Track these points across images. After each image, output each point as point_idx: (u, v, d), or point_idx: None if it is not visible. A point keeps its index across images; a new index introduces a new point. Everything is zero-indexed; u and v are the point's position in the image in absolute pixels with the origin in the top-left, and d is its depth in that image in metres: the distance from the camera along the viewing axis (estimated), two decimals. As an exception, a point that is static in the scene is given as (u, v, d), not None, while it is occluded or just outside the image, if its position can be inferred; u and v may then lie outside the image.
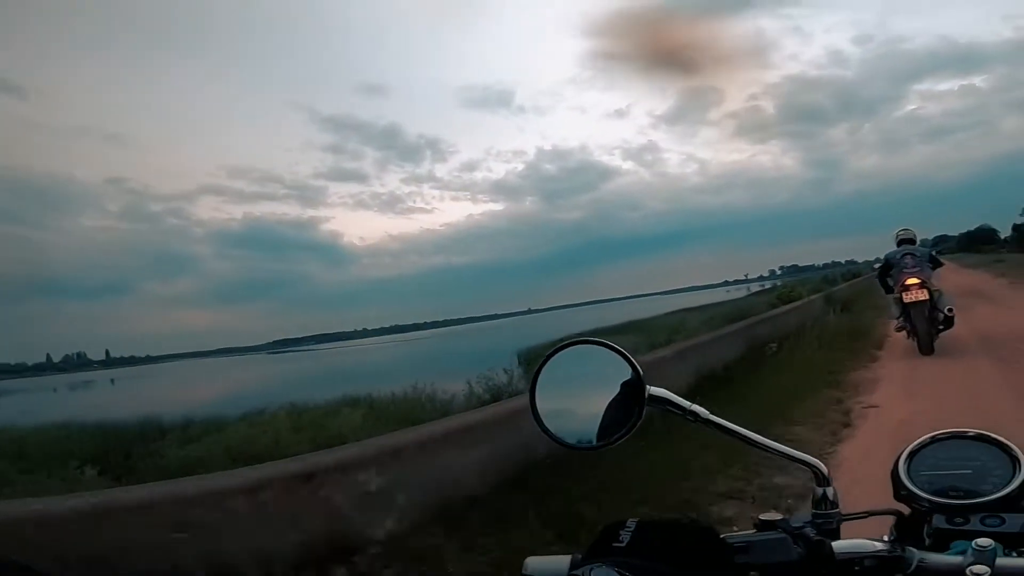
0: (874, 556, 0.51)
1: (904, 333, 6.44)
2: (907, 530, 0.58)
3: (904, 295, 6.15)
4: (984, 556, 0.47)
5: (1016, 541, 0.52)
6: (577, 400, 0.55)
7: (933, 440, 0.64)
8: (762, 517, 0.53)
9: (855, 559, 0.51)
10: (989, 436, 0.62)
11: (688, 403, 0.53)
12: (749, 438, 0.53)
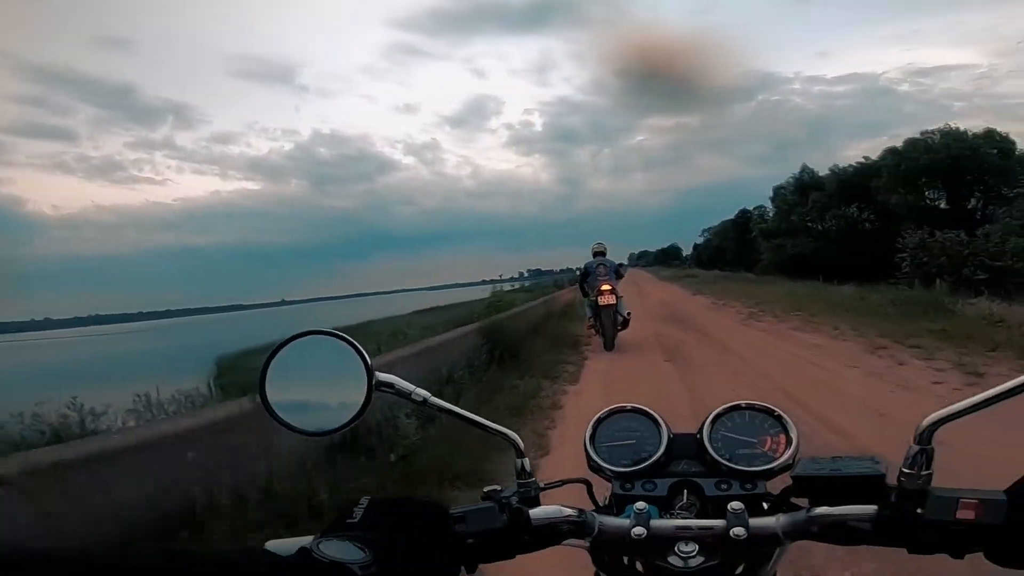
0: (566, 521, 0.58)
1: (594, 331, 7.86)
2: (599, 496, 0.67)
3: (599, 299, 7.52)
4: (642, 518, 0.56)
5: (665, 504, 0.61)
6: (308, 389, 0.58)
7: (610, 413, 0.71)
8: (485, 489, 0.59)
9: (550, 524, 0.57)
10: (643, 409, 0.70)
11: (413, 387, 0.58)
12: (463, 415, 0.60)
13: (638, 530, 0.55)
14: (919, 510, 0.49)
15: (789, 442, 0.63)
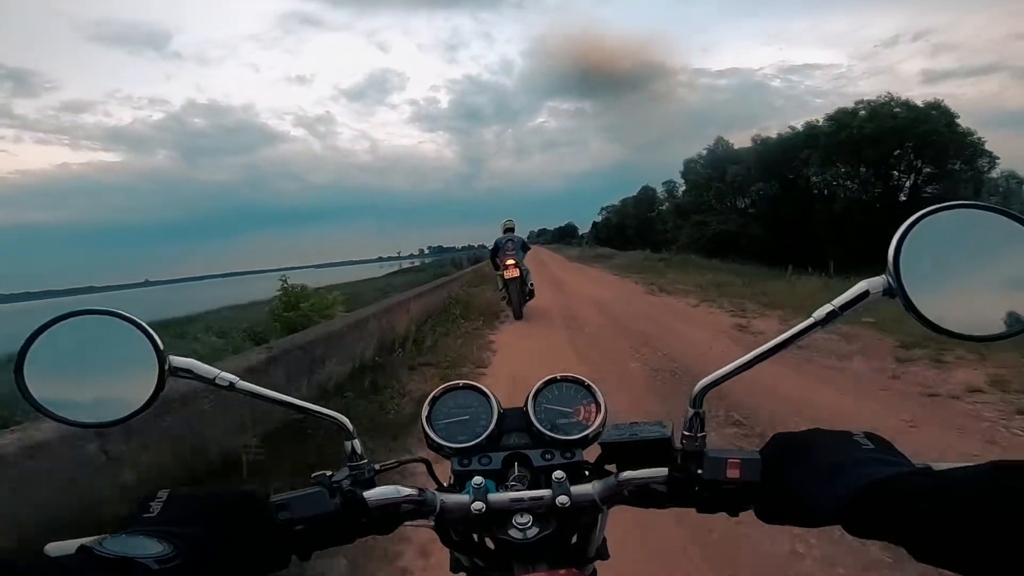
0: (406, 500, 0.57)
1: (505, 302, 8.64)
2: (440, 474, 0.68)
3: (504, 272, 8.26)
4: (480, 493, 0.58)
5: (501, 476, 0.64)
6: (85, 376, 0.53)
7: (445, 391, 0.72)
8: (313, 475, 0.57)
9: (389, 505, 0.57)
10: (475, 386, 0.71)
11: (217, 371, 0.55)
12: (282, 400, 0.58)
13: (477, 505, 0.56)
14: (699, 471, 0.53)
15: (599, 409, 0.68)
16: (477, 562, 0.61)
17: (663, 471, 0.55)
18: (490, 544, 0.60)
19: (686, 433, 0.55)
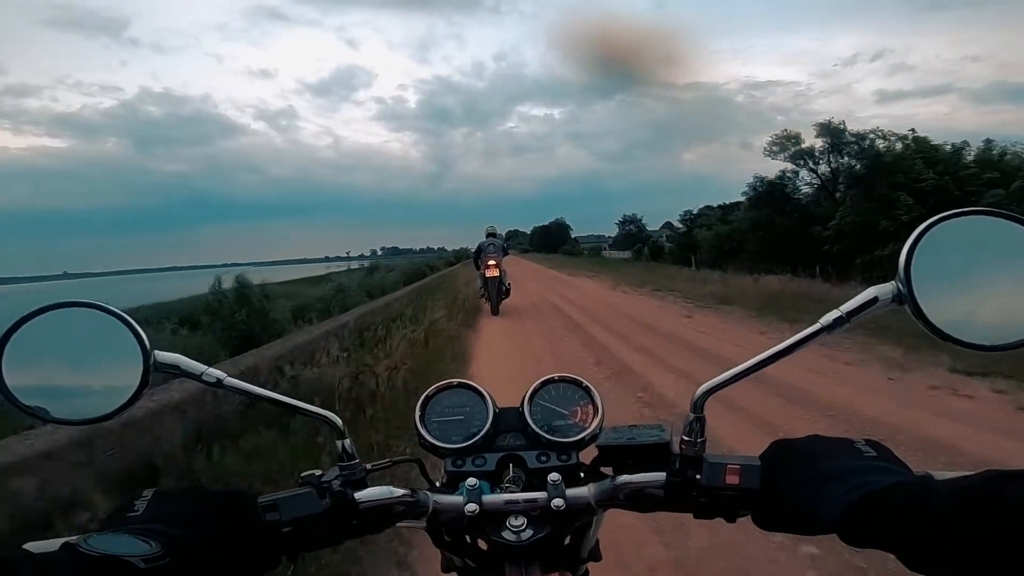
0: (399, 501, 0.58)
1: (484, 299, 10.15)
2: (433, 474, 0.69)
3: (486, 271, 9.78)
4: (473, 494, 0.58)
5: (495, 478, 0.64)
6: (65, 371, 0.52)
7: (438, 390, 0.72)
8: (302, 475, 0.57)
9: (380, 506, 0.57)
10: (470, 384, 0.72)
11: (204, 367, 0.54)
12: (272, 398, 0.58)
13: (471, 507, 0.57)
14: (697, 476, 0.54)
15: (596, 411, 0.68)
16: (469, 563, 0.62)
17: (660, 476, 0.56)
18: (483, 545, 0.60)
19: (685, 438, 0.56)
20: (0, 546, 0.37)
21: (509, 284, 10.27)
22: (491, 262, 9.74)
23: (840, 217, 21.60)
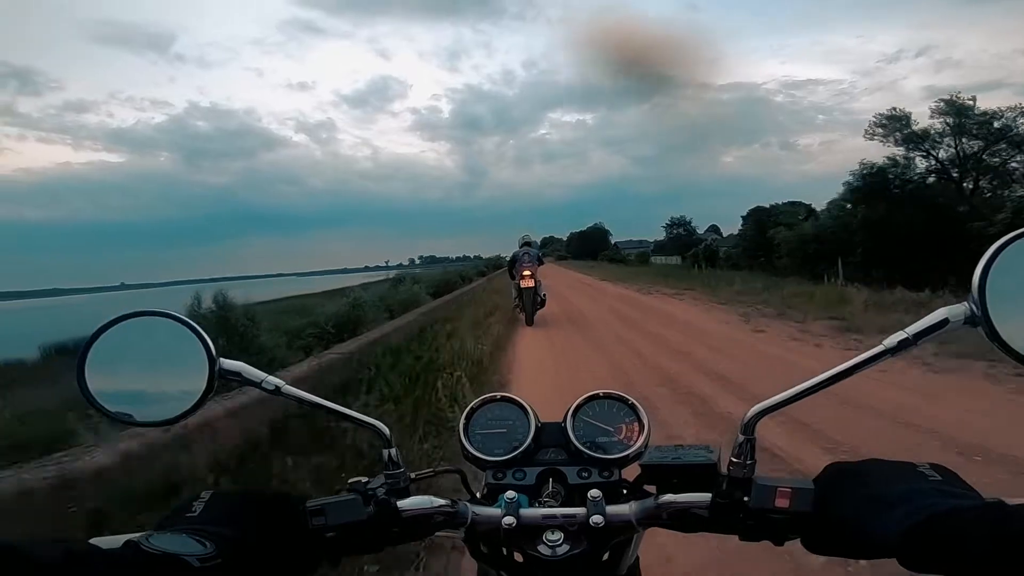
0: (439, 511, 0.59)
1: (518, 309, 9.91)
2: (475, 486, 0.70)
3: (521, 282, 9.54)
4: (512, 507, 0.59)
5: (534, 492, 0.65)
6: (141, 375, 0.56)
7: (483, 403, 0.73)
8: (349, 481, 0.59)
9: (421, 515, 0.59)
10: (513, 399, 0.72)
11: (264, 375, 0.57)
12: (324, 405, 0.60)
13: (508, 519, 0.58)
14: (745, 498, 0.53)
15: (642, 429, 0.68)
16: None
17: (706, 496, 0.56)
18: (519, 558, 0.61)
19: (734, 460, 0.55)
20: (63, 541, 0.40)
21: (544, 295, 10.07)
22: (526, 272, 9.48)
23: (1013, 209, 17.51)
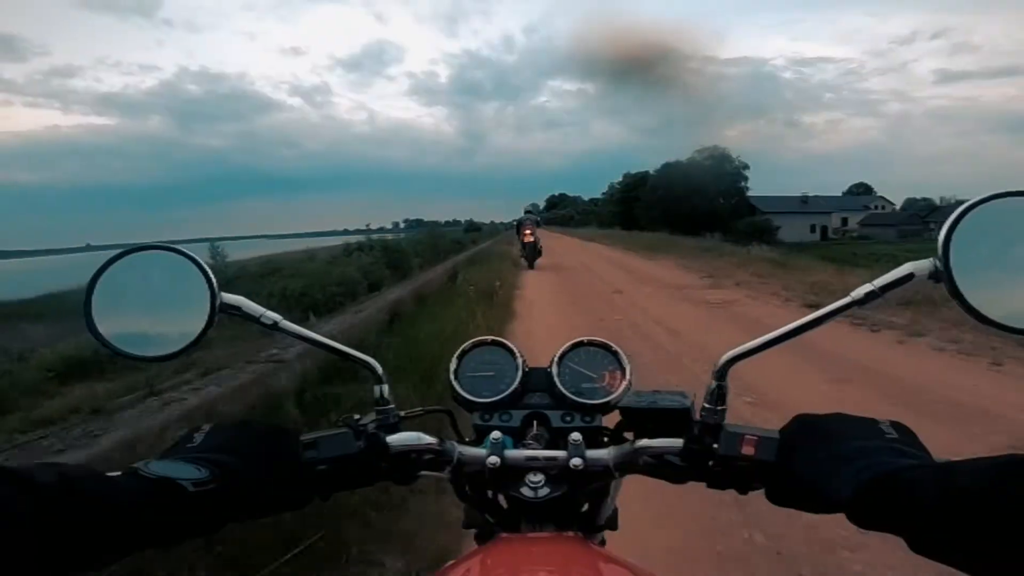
0: (426, 449, 0.60)
1: (523, 258, 13.77)
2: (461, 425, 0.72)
3: (524, 238, 13.64)
4: (496, 448, 0.61)
5: (519, 434, 0.67)
6: (143, 310, 0.56)
7: (473, 346, 0.75)
8: (342, 417, 0.60)
9: (408, 451, 0.60)
10: (503, 343, 0.74)
11: (263, 310, 0.58)
12: (320, 341, 0.62)
13: (493, 459, 0.60)
14: (715, 445, 0.54)
15: (623, 376, 0.70)
16: (488, 518, 0.65)
17: (679, 442, 0.57)
18: (503, 503, 0.63)
19: (706, 405, 0.57)
20: (58, 465, 0.41)
21: (541, 246, 13.98)
22: (527, 231, 13.63)
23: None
